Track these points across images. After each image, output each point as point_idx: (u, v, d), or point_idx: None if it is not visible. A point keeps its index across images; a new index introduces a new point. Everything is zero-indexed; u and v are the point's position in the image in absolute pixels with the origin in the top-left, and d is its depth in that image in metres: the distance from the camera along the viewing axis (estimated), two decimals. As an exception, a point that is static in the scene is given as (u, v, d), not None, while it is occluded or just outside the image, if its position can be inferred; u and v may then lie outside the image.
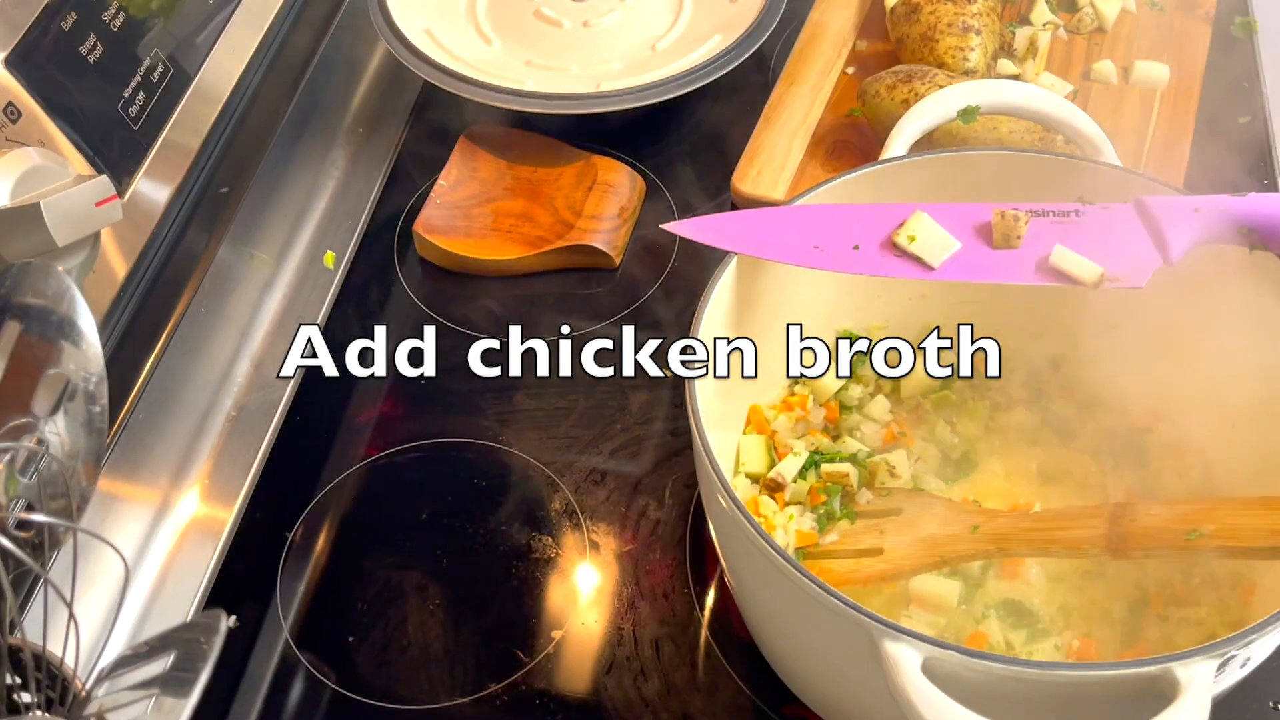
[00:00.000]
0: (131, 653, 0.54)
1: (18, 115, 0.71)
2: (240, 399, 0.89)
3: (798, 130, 1.01)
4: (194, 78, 0.86)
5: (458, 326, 0.94)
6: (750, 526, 0.58)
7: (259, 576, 0.80)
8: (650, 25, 1.09)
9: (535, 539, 0.81)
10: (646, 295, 0.95)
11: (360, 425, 0.88)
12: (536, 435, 0.87)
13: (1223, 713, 0.71)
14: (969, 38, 0.98)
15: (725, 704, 0.73)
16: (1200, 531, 0.60)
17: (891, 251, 0.68)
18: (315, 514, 0.83)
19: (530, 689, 0.74)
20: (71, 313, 0.61)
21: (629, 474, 0.84)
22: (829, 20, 1.11)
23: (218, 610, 0.55)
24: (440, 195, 0.99)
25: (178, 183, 0.85)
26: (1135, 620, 0.69)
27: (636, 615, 0.77)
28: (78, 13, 0.76)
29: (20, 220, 0.65)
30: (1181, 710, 0.51)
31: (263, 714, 0.74)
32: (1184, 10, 1.10)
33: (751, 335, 0.74)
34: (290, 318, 0.94)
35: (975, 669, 0.53)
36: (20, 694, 0.58)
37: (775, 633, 0.69)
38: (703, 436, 0.62)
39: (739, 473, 0.76)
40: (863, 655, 0.55)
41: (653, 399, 0.88)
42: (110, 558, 0.76)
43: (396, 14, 1.05)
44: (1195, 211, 0.65)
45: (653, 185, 1.02)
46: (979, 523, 0.68)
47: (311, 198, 1.02)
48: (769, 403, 0.80)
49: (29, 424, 0.59)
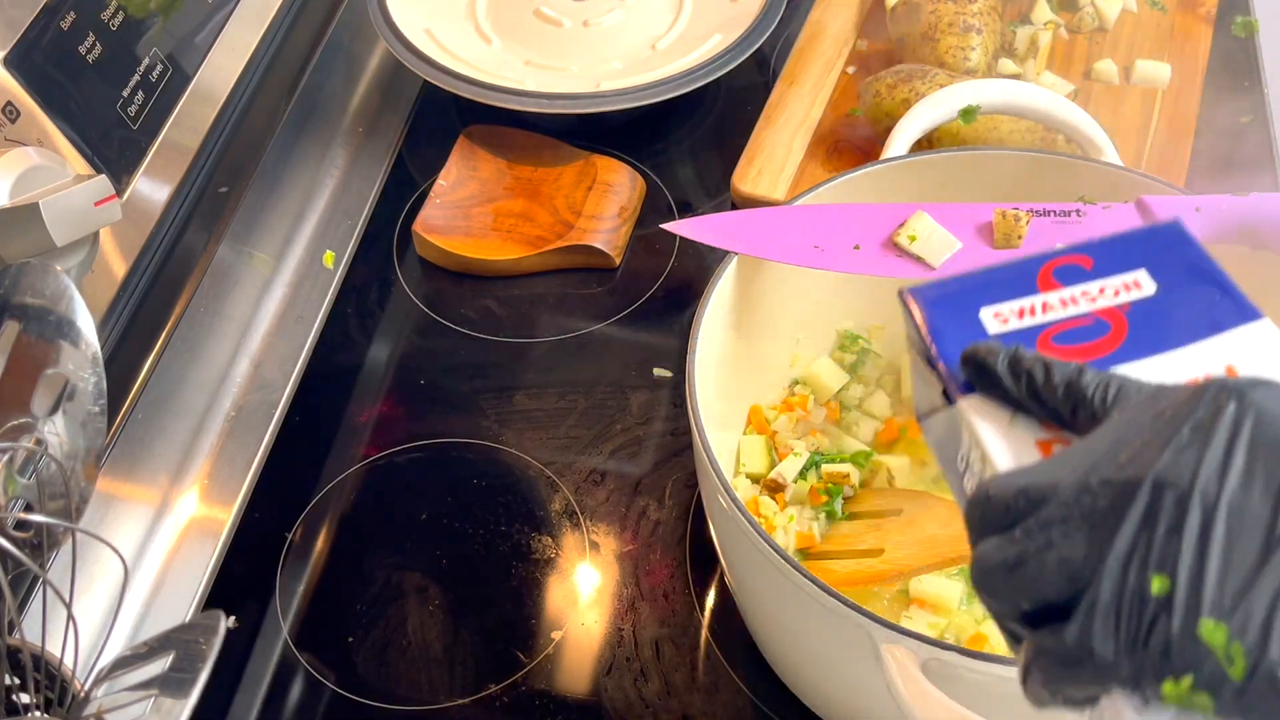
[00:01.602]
0: (130, 653, 0.54)
1: (16, 115, 0.71)
2: (239, 399, 0.89)
3: (798, 130, 1.01)
4: (193, 77, 0.86)
5: (458, 326, 0.94)
6: (751, 527, 0.58)
7: (258, 577, 0.80)
8: (650, 25, 1.09)
9: (535, 539, 0.81)
10: (646, 295, 0.95)
11: (360, 425, 0.88)
12: (536, 435, 0.86)
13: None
14: (970, 37, 0.98)
15: (725, 704, 0.73)
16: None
17: (892, 251, 0.68)
18: (315, 514, 0.83)
19: (530, 689, 0.74)
20: (70, 312, 0.61)
21: (629, 474, 0.84)
22: (829, 20, 1.11)
23: (217, 611, 0.55)
24: (440, 195, 0.99)
25: (177, 182, 0.85)
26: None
27: (636, 616, 0.77)
28: (77, 12, 0.75)
29: (19, 220, 0.65)
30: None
31: (262, 714, 0.74)
32: (1185, 10, 1.10)
33: (752, 335, 0.74)
34: (290, 317, 0.94)
35: (975, 669, 0.53)
36: (19, 694, 0.58)
37: (775, 633, 0.69)
38: (703, 437, 0.62)
39: (739, 473, 0.76)
40: (863, 656, 0.55)
41: (653, 399, 0.88)
42: (109, 558, 0.76)
43: (396, 13, 1.05)
44: (1196, 211, 0.65)
45: (653, 185, 1.02)
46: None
47: (311, 197, 1.02)
48: (769, 403, 0.80)
49: (28, 424, 0.59)
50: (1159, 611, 0.33)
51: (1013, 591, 0.36)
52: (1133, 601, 0.33)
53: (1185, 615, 0.32)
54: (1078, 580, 0.34)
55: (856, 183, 0.73)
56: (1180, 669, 0.32)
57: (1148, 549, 0.33)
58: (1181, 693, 0.32)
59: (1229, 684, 0.32)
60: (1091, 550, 0.34)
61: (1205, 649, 0.32)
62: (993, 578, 0.37)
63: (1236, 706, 0.32)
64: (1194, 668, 0.32)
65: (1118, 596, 0.33)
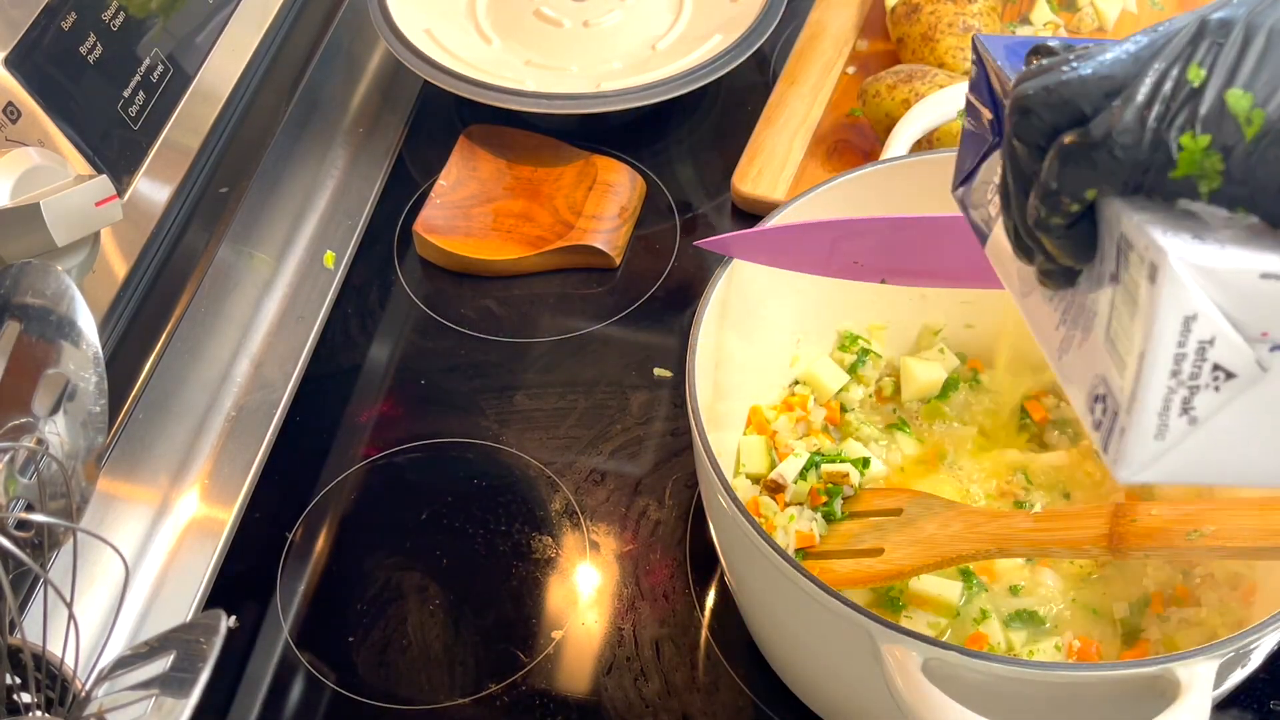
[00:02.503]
0: (131, 653, 0.54)
1: (17, 115, 0.71)
2: (240, 399, 0.89)
3: (798, 130, 1.01)
4: (194, 77, 0.86)
5: (458, 326, 0.94)
6: (751, 527, 0.58)
7: (259, 577, 0.80)
8: (650, 25, 1.09)
9: (535, 539, 0.81)
10: (646, 295, 0.95)
11: (360, 425, 0.88)
12: (536, 435, 0.87)
13: (1223, 713, 0.71)
14: (970, 37, 0.98)
15: (725, 704, 0.73)
16: (1201, 532, 0.60)
17: None
18: (315, 514, 0.83)
19: (530, 689, 0.74)
20: (71, 312, 0.61)
21: (629, 474, 0.84)
22: (829, 20, 1.11)
23: (217, 610, 0.55)
24: (440, 195, 0.99)
25: (177, 182, 0.85)
26: (1136, 620, 0.69)
27: (636, 616, 0.77)
28: (77, 12, 0.76)
29: (20, 220, 0.65)
30: (1182, 710, 0.51)
31: (262, 714, 0.74)
32: (1185, 10, 1.10)
33: (752, 335, 0.74)
34: (290, 317, 0.94)
35: (976, 669, 0.53)
36: (20, 694, 0.58)
37: (775, 633, 0.69)
38: (703, 437, 0.62)
39: (739, 473, 0.76)
40: (863, 656, 0.55)
41: (653, 399, 0.88)
42: (110, 558, 0.76)
43: (396, 13, 1.05)
44: None
45: (653, 185, 1.02)
46: (980, 523, 0.68)
47: (311, 197, 1.02)
48: (769, 403, 0.80)
49: (29, 424, 0.59)
50: (1191, 98, 0.35)
51: (1048, 107, 0.37)
52: (1169, 89, 0.35)
53: (1218, 88, 0.35)
54: (1115, 93, 0.36)
55: (856, 183, 0.73)
56: (1201, 131, 0.35)
57: (1190, 54, 0.36)
58: (1196, 152, 0.35)
59: (1242, 143, 0.34)
60: (1136, 64, 0.36)
61: (1229, 115, 0.34)
62: (1031, 94, 0.38)
63: (1243, 167, 0.35)
64: (1214, 129, 0.35)
65: (1155, 88, 0.36)
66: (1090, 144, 0.36)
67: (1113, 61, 0.37)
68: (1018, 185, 0.40)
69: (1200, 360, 0.35)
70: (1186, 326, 0.35)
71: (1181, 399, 0.36)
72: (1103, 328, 0.38)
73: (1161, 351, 0.35)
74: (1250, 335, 0.35)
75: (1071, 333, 0.41)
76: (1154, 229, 0.36)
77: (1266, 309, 0.35)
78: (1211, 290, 0.35)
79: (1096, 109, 0.36)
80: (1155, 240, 0.35)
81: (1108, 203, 0.37)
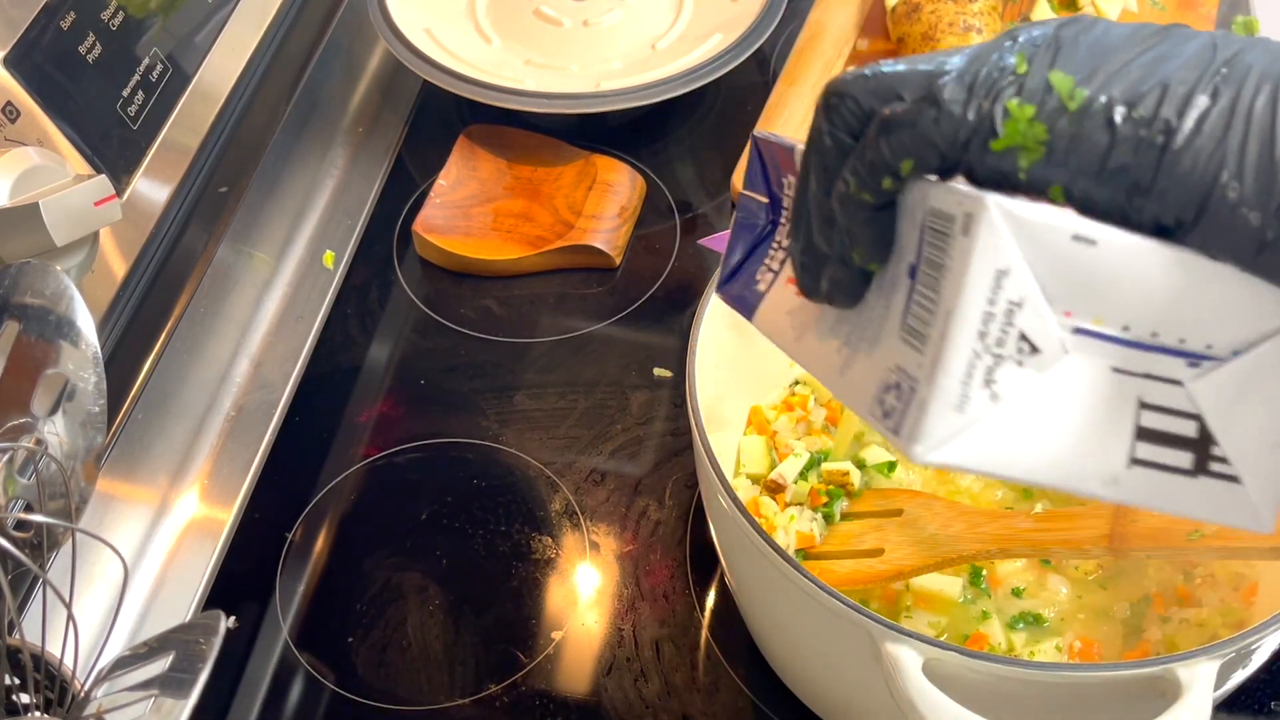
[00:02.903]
0: (130, 653, 0.54)
1: (16, 114, 0.71)
2: (239, 399, 0.89)
3: (798, 130, 1.01)
4: (193, 77, 0.86)
5: (458, 326, 0.94)
6: (751, 527, 0.58)
7: (258, 577, 0.80)
8: (650, 25, 1.09)
9: (535, 539, 0.81)
10: (646, 295, 0.95)
11: (359, 425, 0.88)
12: (536, 435, 0.86)
13: (1224, 714, 0.71)
14: (970, 37, 0.98)
15: (725, 704, 0.73)
16: (1202, 532, 0.60)
17: None
18: (314, 514, 0.83)
19: (530, 690, 0.74)
20: (70, 312, 0.61)
21: (629, 474, 0.84)
22: (829, 20, 1.11)
23: (217, 611, 0.55)
24: (440, 195, 0.99)
25: (177, 182, 0.85)
26: (1136, 621, 0.69)
27: (636, 616, 0.77)
28: (76, 12, 0.75)
29: (19, 220, 0.65)
30: (1183, 711, 0.51)
31: (262, 715, 0.74)
32: (1185, 9, 1.10)
33: (752, 335, 0.74)
34: (290, 317, 0.94)
35: (976, 669, 0.53)
36: (19, 695, 0.58)
37: (775, 633, 0.69)
38: (703, 437, 0.62)
39: (739, 473, 0.76)
40: (863, 656, 0.55)
41: (653, 399, 0.88)
42: (109, 558, 0.76)
43: (396, 13, 1.05)
44: None
45: (653, 185, 1.02)
46: (981, 523, 0.68)
47: (311, 197, 1.02)
48: (770, 403, 0.80)
49: (28, 424, 0.59)
50: (1017, 77, 0.35)
51: (867, 92, 0.38)
52: (994, 71, 0.36)
53: (1042, 69, 0.35)
54: (939, 73, 0.36)
55: (857, 183, 0.73)
56: (1026, 100, 0.35)
57: (1010, 49, 0.36)
58: (1021, 120, 0.35)
59: (1066, 114, 0.34)
60: (958, 57, 0.37)
61: (1053, 91, 0.35)
62: (849, 80, 0.38)
63: (1066, 140, 0.34)
64: (1038, 101, 0.35)
65: (979, 67, 0.36)
66: (912, 114, 0.36)
67: (930, 58, 0.37)
68: (820, 182, 0.39)
69: (1008, 324, 0.34)
70: (998, 282, 0.34)
71: (985, 368, 0.34)
72: (896, 323, 0.37)
73: (970, 307, 0.34)
74: (1058, 307, 0.34)
75: (855, 350, 0.40)
76: (969, 188, 0.35)
77: (1075, 281, 0.34)
78: (1024, 245, 0.34)
79: (916, 89, 0.37)
80: (972, 192, 0.35)
81: (916, 186, 0.37)
